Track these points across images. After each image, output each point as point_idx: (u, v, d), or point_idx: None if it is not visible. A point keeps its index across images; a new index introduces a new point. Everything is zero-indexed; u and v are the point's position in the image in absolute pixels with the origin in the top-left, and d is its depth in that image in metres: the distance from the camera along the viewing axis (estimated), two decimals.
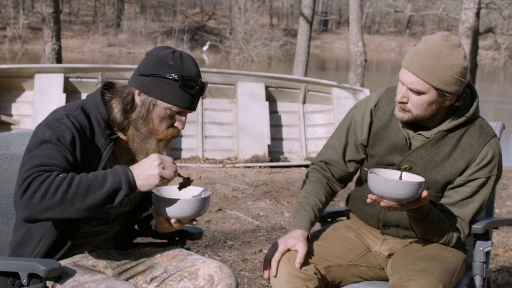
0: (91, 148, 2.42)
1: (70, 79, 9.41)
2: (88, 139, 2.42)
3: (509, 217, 3.18)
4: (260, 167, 9.36)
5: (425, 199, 2.64)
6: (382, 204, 2.63)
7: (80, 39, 37.26)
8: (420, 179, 2.64)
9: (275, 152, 9.96)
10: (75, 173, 2.25)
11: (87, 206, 2.21)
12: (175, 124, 2.45)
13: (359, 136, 2.97)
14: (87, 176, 2.24)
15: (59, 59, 10.70)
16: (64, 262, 2.45)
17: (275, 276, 2.72)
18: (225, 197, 7.35)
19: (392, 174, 2.70)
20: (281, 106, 10.19)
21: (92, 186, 2.21)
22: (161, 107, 2.41)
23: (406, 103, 2.72)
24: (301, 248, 2.73)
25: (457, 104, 2.77)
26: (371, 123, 2.94)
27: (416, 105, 2.71)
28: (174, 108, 2.41)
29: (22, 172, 2.25)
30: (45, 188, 2.18)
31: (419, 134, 2.83)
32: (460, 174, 2.81)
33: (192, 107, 2.45)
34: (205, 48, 35.89)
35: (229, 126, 10.01)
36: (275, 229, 6.03)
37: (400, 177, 2.66)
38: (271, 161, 9.69)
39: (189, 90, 2.39)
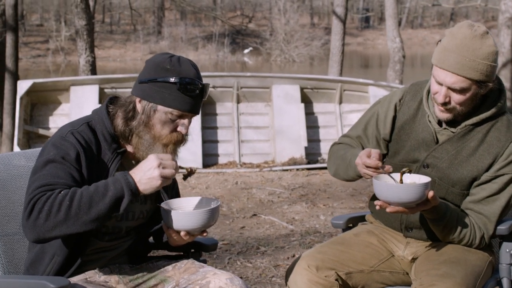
0: (97, 163, 2.41)
1: (105, 90, 9.49)
2: (95, 154, 2.41)
3: None
4: (297, 169, 9.30)
5: (434, 199, 2.58)
6: (388, 209, 2.59)
7: (122, 48, 37.67)
8: (425, 180, 2.58)
9: (312, 154, 9.87)
10: (77, 188, 2.25)
11: (93, 218, 2.21)
12: (178, 129, 2.42)
13: (381, 131, 2.90)
14: (89, 189, 2.23)
15: (93, 71, 10.81)
16: (76, 279, 2.44)
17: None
18: (260, 202, 7.31)
19: (397, 179, 2.64)
20: (317, 107, 10.09)
21: (94, 198, 2.21)
22: (162, 111, 2.39)
23: (449, 103, 2.66)
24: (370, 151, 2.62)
25: (490, 85, 2.68)
26: (394, 118, 2.88)
27: (460, 103, 2.65)
28: (175, 112, 2.39)
29: (27, 194, 2.27)
30: (48, 207, 2.19)
31: (445, 128, 2.76)
32: (487, 170, 2.73)
33: (193, 110, 2.42)
34: (246, 51, 35.96)
35: (265, 129, 9.95)
36: (309, 233, 5.97)
37: (401, 181, 2.60)
38: (308, 163, 9.60)
39: (188, 93, 2.38)
